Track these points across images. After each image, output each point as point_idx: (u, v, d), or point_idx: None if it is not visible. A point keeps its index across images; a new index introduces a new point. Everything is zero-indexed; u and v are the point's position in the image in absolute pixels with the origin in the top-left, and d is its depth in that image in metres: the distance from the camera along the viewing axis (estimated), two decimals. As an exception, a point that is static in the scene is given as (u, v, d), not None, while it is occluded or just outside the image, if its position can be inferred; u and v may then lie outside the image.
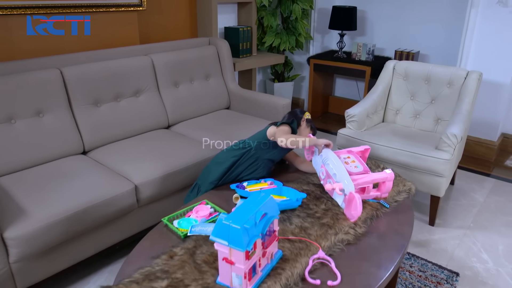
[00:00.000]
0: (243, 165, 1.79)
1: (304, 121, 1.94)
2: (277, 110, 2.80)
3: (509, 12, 2.97)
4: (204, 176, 1.82)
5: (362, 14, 4.04)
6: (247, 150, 1.80)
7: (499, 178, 3.08)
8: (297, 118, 1.92)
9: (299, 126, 1.92)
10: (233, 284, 1.16)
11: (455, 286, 1.94)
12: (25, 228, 1.58)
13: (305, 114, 1.96)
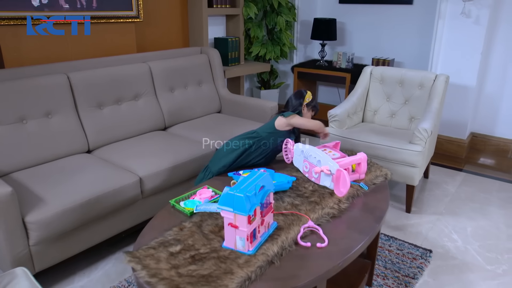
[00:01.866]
0: (254, 153, 2.02)
1: (304, 107, 2.20)
2: (265, 112, 3.03)
3: (472, 22, 3.30)
4: (216, 159, 2.04)
5: (341, 26, 4.34)
6: (258, 139, 2.03)
7: (469, 172, 3.36)
8: (297, 106, 2.20)
9: (302, 114, 2.19)
10: (237, 247, 1.36)
11: (428, 261, 2.18)
12: (44, 214, 1.76)
13: (305, 99, 2.21)
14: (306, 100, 2.22)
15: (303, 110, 2.21)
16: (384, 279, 2.02)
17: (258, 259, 1.31)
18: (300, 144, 1.96)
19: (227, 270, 1.26)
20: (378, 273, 2.06)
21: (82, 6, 2.66)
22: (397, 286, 1.98)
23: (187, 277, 1.22)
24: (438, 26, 3.46)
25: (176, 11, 3.37)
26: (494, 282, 2.04)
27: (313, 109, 2.27)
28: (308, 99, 2.23)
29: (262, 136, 2.05)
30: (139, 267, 1.27)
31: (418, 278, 2.05)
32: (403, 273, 2.07)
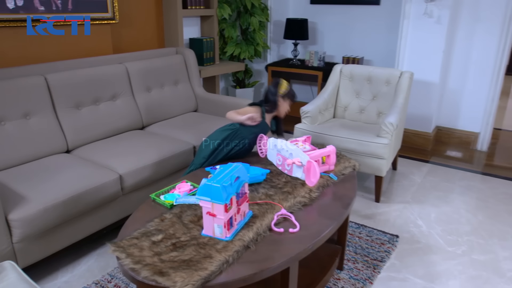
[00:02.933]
0: (233, 142, 2.14)
1: (280, 98, 2.28)
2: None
3: (434, 22, 3.50)
4: (198, 153, 2.17)
5: (313, 26, 4.49)
6: (233, 130, 2.15)
7: (434, 163, 3.56)
8: (272, 98, 2.27)
9: (277, 105, 2.28)
10: (215, 234, 1.47)
11: (395, 245, 2.33)
12: (27, 211, 1.81)
13: (280, 90, 2.27)
14: (281, 91, 2.28)
15: (278, 101, 2.29)
16: (354, 263, 2.17)
17: (235, 245, 1.42)
18: (272, 139, 2.08)
19: (207, 255, 1.36)
20: (349, 258, 2.20)
21: (58, 8, 2.70)
22: (366, 269, 2.12)
23: (169, 263, 1.32)
24: (403, 25, 3.65)
25: (151, 13, 3.44)
26: (454, 261, 2.21)
27: (290, 97, 2.32)
28: (283, 90, 2.29)
29: (237, 127, 2.17)
30: (123, 255, 1.36)
31: (386, 261, 2.20)
32: (371, 257, 2.22)
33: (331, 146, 2.02)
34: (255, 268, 1.33)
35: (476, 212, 2.73)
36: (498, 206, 2.82)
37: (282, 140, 2.04)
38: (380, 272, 2.12)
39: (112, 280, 2.03)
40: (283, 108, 2.33)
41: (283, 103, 2.31)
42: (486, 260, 2.23)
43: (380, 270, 2.13)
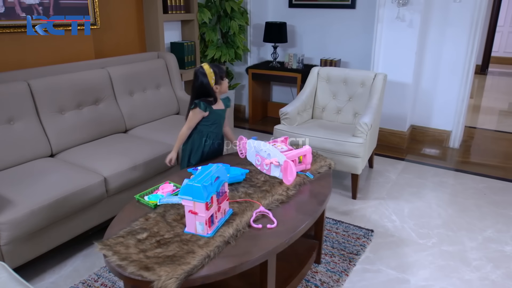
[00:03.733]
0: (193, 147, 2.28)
1: (215, 87, 2.19)
2: (222, 112, 3.22)
3: (406, 25, 3.65)
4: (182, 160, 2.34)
5: (291, 29, 4.61)
6: (194, 134, 2.28)
7: (409, 160, 3.72)
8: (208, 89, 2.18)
9: (216, 92, 2.22)
10: (197, 231, 1.56)
11: (370, 239, 2.46)
12: (14, 214, 1.87)
13: (210, 80, 2.16)
14: (211, 80, 2.17)
15: (216, 90, 2.21)
16: (331, 257, 2.28)
17: (216, 240, 1.51)
18: (251, 140, 2.17)
19: (189, 250, 1.45)
20: (326, 252, 2.32)
21: (39, 14, 2.74)
22: (343, 262, 2.24)
23: (154, 258, 1.40)
24: (378, 29, 3.80)
25: (133, 18, 3.50)
26: (424, 253, 2.35)
27: (222, 77, 2.22)
28: (212, 77, 2.17)
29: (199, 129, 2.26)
30: (110, 253, 1.43)
31: (361, 254, 2.32)
32: (348, 251, 2.34)
33: (307, 146, 2.13)
34: (235, 262, 1.43)
35: (447, 207, 2.89)
36: (468, 200, 2.98)
37: (261, 141, 2.14)
38: (356, 264, 2.24)
39: (98, 280, 2.09)
40: (224, 88, 2.25)
41: (220, 86, 2.23)
42: (454, 251, 2.38)
43: (355, 263, 2.25)
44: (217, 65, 2.26)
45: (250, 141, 2.18)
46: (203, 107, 2.18)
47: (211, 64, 2.22)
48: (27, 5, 2.66)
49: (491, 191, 3.13)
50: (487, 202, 2.95)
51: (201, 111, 2.19)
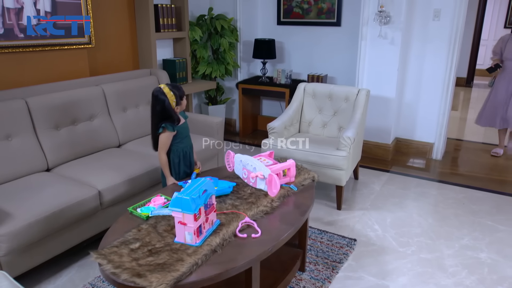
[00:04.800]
0: (180, 161, 2.37)
1: (175, 108, 2.25)
2: (212, 127, 3.36)
3: (388, 43, 3.83)
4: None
5: (280, 45, 4.78)
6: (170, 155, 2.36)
7: (393, 172, 3.87)
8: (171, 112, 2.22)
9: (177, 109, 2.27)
10: (186, 240, 1.67)
11: (353, 248, 2.59)
12: (12, 227, 1.97)
13: (171, 102, 2.20)
14: (173, 102, 2.22)
15: (176, 110, 2.27)
16: (315, 265, 2.40)
17: (204, 249, 1.63)
18: (239, 155, 2.30)
19: (179, 258, 1.56)
20: (310, 261, 2.44)
21: (37, 35, 2.87)
22: (326, 269, 2.36)
23: (146, 266, 1.51)
24: (361, 46, 3.97)
25: (126, 37, 3.64)
26: (404, 260, 2.48)
27: (181, 99, 2.27)
28: (173, 100, 2.21)
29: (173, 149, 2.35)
30: (105, 262, 1.54)
31: (344, 262, 2.45)
32: (331, 259, 2.46)
33: (291, 160, 2.26)
34: (221, 269, 1.54)
35: (427, 216, 3.02)
36: (447, 210, 3.13)
37: (247, 156, 2.26)
38: (338, 272, 2.36)
39: (92, 289, 2.19)
40: (183, 106, 2.32)
41: (180, 106, 2.29)
42: (432, 258, 2.51)
43: (338, 271, 2.37)
44: (176, 85, 2.28)
45: (237, 156, 2.31)
46: (171, 128, 2.24)
47: (170, 86, 2.23)
48: (25, 26, 2.79)
49: (470, 200, 3.28)
50: (465, 212, 3.09)
51: (171, 132, 2.25)
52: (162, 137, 2.29)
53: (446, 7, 3.78)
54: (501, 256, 2.54)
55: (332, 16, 4.41)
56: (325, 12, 4.43)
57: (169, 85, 2.25)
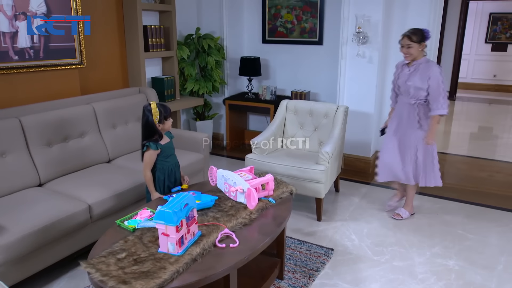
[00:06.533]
0: (166, 178, 2.52)
1: (159, 125, 2.42)
2: (198, 143, 3.52)
3: (366, 61, 4.04)
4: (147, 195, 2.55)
5: (265, 62, 4.98)
6: (156, 172, 2.50)
7: (373, 184, 4.04)
8: (155, 129, 2.40)
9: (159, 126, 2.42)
10: (169, 250, 1.82)
11: (330, 257, 2.74)
12: (6, 239, 2.10)
13: (156, 121, 2.38)
14: (156, 118, 2.38)
15: (159, 127, 2.42)
16: (294, 273, 2.55)
17: (185, 258, 1.77)
18: (221, 170, 2.46)
19: (161, 267, 1.71)
20: (289, 269, 2.58)
21: (30, 57, 3.02)
22: (303, 277, 2.51)
23: (131, 274, 1.66)
24: (342, 64, 4.18)
25: (116, 56, 3.81)
26: (378, 268, 2.64)
27: (166, 119, 2.44)
28: (157, 116, 2.37)
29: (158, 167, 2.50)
30: (93, 270, 1.68)
31: (320, 270, 2.60)
32: (309, 267, 2.61)
33: (269, 175, 2.42)
34: (200, 276, 1.69)
35: (402, 226, 3.19)
36: (421, 220, 3.30)
37: (228, 171, 2.42)
38: (315, 280, 2.51)
39: (82, 298, 2.31)
40: (167, 127, 2.48)
41: (163, 125, 2.45)
42: (404, 266, 2.67)
43: (315, 278, 2.52)
44: (164, 105, 2.46)
45: (220, 171, 2.46)
46: (154, 147, 2.41)
47: (159, 104, 2.43)
48: (20, 48, 2.95)
49: (444, 211, 3.46)
50: (438, 222, 3.27)
51: (154, 150, 2.42)
52: (146, 156, 2.45)
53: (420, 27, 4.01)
54: (468, 263, 2.71)
55: (314, 35, 4.63)
56: (308, 31, 4.65)
57: (158, 104, 2.44)
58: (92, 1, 3.48)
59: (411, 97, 3.04)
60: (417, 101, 3.03)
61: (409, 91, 3.03)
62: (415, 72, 3.00)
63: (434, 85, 2.92)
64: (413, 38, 2.94)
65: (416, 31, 2.96)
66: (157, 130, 2.43)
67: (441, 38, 7.96)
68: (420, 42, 2.94)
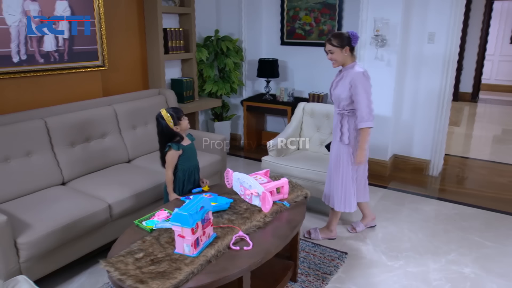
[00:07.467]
0: (185, 179, 2.57)
1: (174, 128, 2.46)
2: (215, 144, 3.58)
3: (385, 65, 4.03)
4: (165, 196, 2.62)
5: (283, 64, 5.01)
6: (178, 172, 2.56)
7: (390, 188, 4.03)
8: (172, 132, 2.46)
9: (179, 132, 2.49)
10: (185, 251, 1.87)
11: (344, 261, 2.76)
12: (32, 236, 2.20)
13: (169, 124, 2.43)
14: (170, 122, 2.44)
15: (177, 130, 2.47)
16: (307, 276, 2.58)
17: (200, 259, 1.83)
18: (237, 173, 2.51)
19: (177, 267, 1.77)
20: (302, 272, 2.62)
21: (55, 60, 3.13)
22: (316, 280, 2.54)
23: (148, 274, 1.72)
24: (360, 67, 4.17)
25: (137, 59, 3.90)
26: (391, 273, 2.64)
27: (180, 119, 2.47)
28: (170, 121, 2.43)
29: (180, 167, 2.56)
30: (112, 269, 1.75)
31: (334, 274, 2.62)
32: (322, 271, 2.64)
33: (284, 179, 2.46)
34: (214, 277, 1.74)
35: (417, 232, 3.18)
36: (438, 225, 3.28)
37: (244, 174, 2.47)
38: (328, 283, 2.53)
39: (101, 294, 2.40)
40: (184, 126, 2.50)
41: (180, 126, 2.48)
42: (418, 272, 2.67)
43: (328, 282, 2.54)
44: (174, 108, 2.51)
45: (236, 174, 2.51)
46: (176, 147, 2.47)
47: (168, 108, 2.48)
48: (45, 52, 3.06)
49: (461, 217, 3.43)
50: (455, 228, 3.24)
51: (176, 151, 2.49)
52: (168, 156, 2.51)
53: (440, 31, 3.97)
54: (484, 271, 2.68)
55: (332, 37, 4.62)
56: (326, 33, 4.65)
57: (168, 109, 2.50)
58: (114, 5, 3.58)
59: (337, 106, 2.82)
60: (342, 111, 2.78)
61: (335, 99, 2.83)
62: (341, 79, 2.77)
63: (355, 93, 2.65)
64: (334, 42, 2.67)
65: (338, 35, 2.69)
66: (175, 133, 2.49)
67: (463, 38, 7.83)
68: (343, 47, 2.66)
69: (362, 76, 2.67)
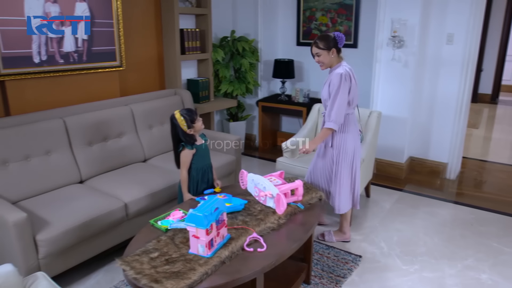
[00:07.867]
0: (199, 179, 2.59)
1: (188, 131, 2.48)
2: (229, 145, 3.59)
3: (402, 66, 3.98)
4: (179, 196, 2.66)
5: (299, 65, 4.99)
6: (192, 171, 2.58)
7: (405, 191, 3.98)
8: (185, 135, 2.48)
9: (193, 134, 2.52)
10: (199, 252, 1.89)
11: (358, 264, 2.74)
12: (50, 233, 2.25)
13: (183, 127, 2.46)
14: (183, 126, 2.46)
15: (190, 132, 2.50)
16: (320, 278, 2.57)
17: (214, 260, 1.84)
18: (251, 174, 2.52)
19: (191, 268, 1.78)
20: (316, 274, 2.61)
21: (74, 60, 3.19)
22: (330, 283, 2.53)
23: (163, 273, 1.74)
24: (376, 68, 4.14)
25: (154, 59, 3.95)
26: (406, 278, 2.62)
27: (193, 121, 2.48)
28: (183, 124, 2.45)
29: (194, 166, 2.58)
30: (128, 268, 1.78)
31: (347, 277, 2.61)
32: (336, 274, 2.63)
33: (299, 180, 2.46)
34: (228, 278, 1.76)
35: (433, 236, 3.14)
36: (454, 230, 3.23)
37: (258, 176, 2.48)
38: (341, 286, 2.52)
39: (117, 292, 2.44)
40: (198, 128, 2.52)
41: (194, 128, 2.50)
42: (434, 277, 2.63)
43: (341, 285, 2.53)
44: (188, 110, 2.51)
45: (250, 175, 2.52)
46: (190, 147, 2.51)
47: (182, 111, 2.48)
48: (65, 52, 3.12)
49: (478, 222, 3.37)
50: (472, 232, 3.19)
51: (190, 150, 2.52)
52: (182, 155, 2.54)
53: (459, 32, 3.90)
54: (502, 277, 2.63)
55: (349, 38, 4.59)
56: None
57: (182, 111, 2.51)
58: (131, 6, 3.63)
59: (324, 108, 2.81)
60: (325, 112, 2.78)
61: (322, 102, 2.84)
62: (327, 81, 2.78)
63: (331, 93, 2.69)
64: (320, 45, 2.68)
65: (324, 37, 2.70)
66: (187, 136, 2.51)
67: (483, 38, 7.68)
68: (329, 49, 2.67)
69: (340, 77, 2.66)
